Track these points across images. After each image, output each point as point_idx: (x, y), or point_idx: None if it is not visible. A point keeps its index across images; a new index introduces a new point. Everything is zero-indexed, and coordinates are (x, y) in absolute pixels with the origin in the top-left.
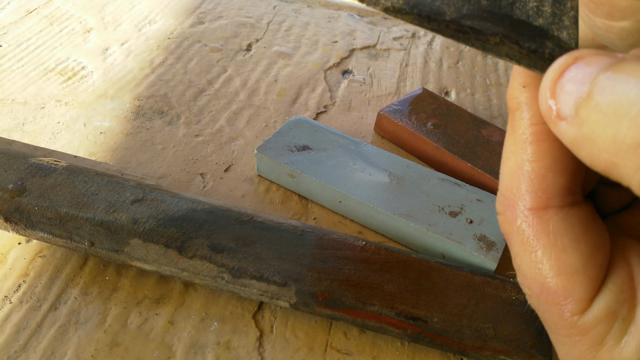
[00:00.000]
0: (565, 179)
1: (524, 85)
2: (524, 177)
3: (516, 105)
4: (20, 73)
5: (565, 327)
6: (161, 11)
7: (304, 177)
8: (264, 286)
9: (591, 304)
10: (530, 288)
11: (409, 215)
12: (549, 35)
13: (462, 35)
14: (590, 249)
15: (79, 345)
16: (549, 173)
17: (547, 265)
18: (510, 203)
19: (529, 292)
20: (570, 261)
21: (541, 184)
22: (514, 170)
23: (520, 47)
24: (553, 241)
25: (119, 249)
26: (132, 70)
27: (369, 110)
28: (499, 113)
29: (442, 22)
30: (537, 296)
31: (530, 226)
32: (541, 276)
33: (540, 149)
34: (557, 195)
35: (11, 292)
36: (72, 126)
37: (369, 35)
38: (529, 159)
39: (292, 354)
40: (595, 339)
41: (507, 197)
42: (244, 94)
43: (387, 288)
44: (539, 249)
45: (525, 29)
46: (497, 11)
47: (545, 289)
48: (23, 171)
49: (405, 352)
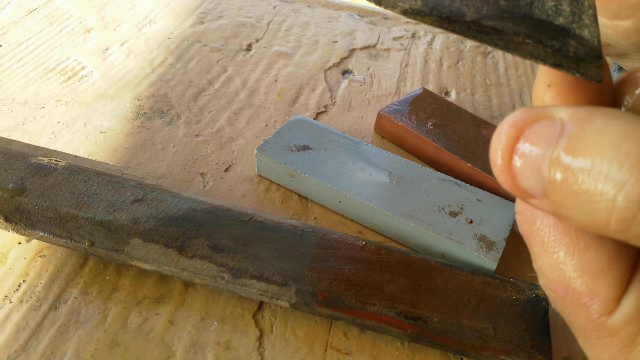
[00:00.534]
0: None
1: (549, 84)
2: None
3: (541, 104)
4: (20, 73)
5: (594, 329)
6: (161, 11)
7: (304, 177)
8: (264, 286)
9: (619, 303)
10: (554, 290)
11: (409, 215)
12: (570, 33)
13: (484, 36)
14: (615, 247)
15: (79, 345)
16: None
17: (570, 266)
18: None
19: (553, 295)
20: (594, 260)
21: None
22: None
23: (544, 46)
24: (575, 240)
25: (119, 248)
26: (132, 70)
27: (369, 110)
28: (499, 113)
29: (464, 24)
30: (562, 298)
31: (550, 226)
32: (565, 277)
33: None
34: None
35: (11, 292)
36: (72, 126)
37: (369, 35)
38: None
39: (292, 354)
40: (626, 340)
41: None
42: (244, 94)
43: (387, 288)
44: (560, 250)
45: (547, 28)
46: (516, 11)
47: (570, 290)
48: (23, 171)
49: (405, 352)
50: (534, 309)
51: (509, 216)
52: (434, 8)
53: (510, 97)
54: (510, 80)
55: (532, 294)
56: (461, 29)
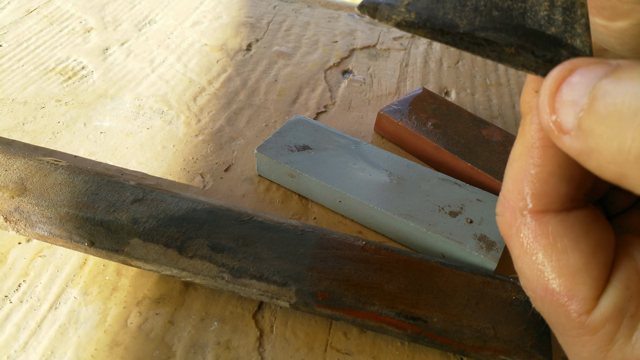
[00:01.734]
0: (568, 186)
1: (536, 90)
2: (527, 180)
3: (527, 109)
4: (20, 73)
5: (573, 327)
6: (161, 11)
7: (304, 177)
8: (264, 286)
9: (597, 302)
10: (533, 291)
11: (409, 215)
12: (562, 43)
13: (476, 47)
14: (592, 248)
15: (79, 345)
16: (552, 179)
17: (548, 267)
18: (511, 205)
19: (533, 295)
20: (572, 261)
21: (544, 188)
22: (518, 173)
23: (535, 57)
24: (553, 242)
25: (119, 248)
26: (132, 70)
27: (369, 110)
28: (499, 113)
29: (456, 35)
30: (542, 298)
31: (529, 229)
32: (543, 278)
33: (547, 154)
34: (558, 201)
35: (11, 292)
36: (72, 126)
37: (369, 35)
38: (534, 163)
39: (292, 354)
40: (605, 337)
41: (508, 198)
42: (244, 94)
43: (387, 288)
44: (539, 251)
45: (539, 38)
46: (509, 22)
47: (549, 290)
48: (23, 171)
49: (405, 352)
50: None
51: None
52: (427, 20)
53: (510, 97)
54: (510, 80)
55: None
56: (454, 41)
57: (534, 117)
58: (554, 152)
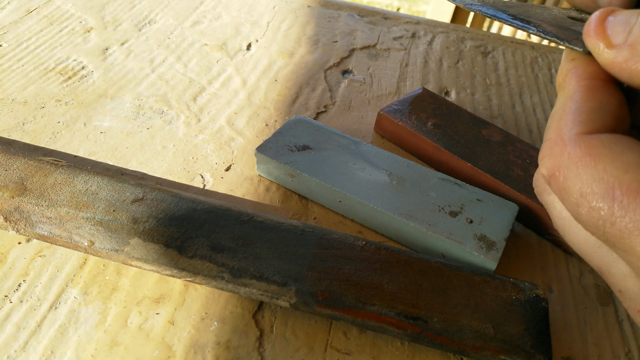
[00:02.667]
0: (607, 116)
1: (572, 58)
2: (573, 113)
3: (565, 72)
4: (20, 73)
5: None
6: (161, 11)
7: (304, 177)
8: (264, 286)
9: None
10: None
11: (409, 215)
12: None
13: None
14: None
15: (79, 345)
16: (594, 111)
17: (609, 170)
18: (560, 136)
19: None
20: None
21: (588, 117)
22: (562, 115)
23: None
24: (608, 147)
25: (119, 248)
26: (132, 70)
27: (369, 110)
28: (499, 113)
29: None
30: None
31: (581, 144)
32: (608, 182)
33: (588, 95)
34: (602, 127)
35: (11, 292)
36: (72, 126)
37: (369, 35)
38: (577, 100)
39: (292, 354)
40: None
41: (556, 133)
42: (244, 94)
43: (387, 288)
44: (598, 162)
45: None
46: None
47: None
48: (23, 171)
49: (405, 352)
50: (534, 309)
51: (509, 216)
52: None
53: (510, 97)
54: (510, 80)
55: (532, 294)
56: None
57: (572, 74)
58: (595, 94)
